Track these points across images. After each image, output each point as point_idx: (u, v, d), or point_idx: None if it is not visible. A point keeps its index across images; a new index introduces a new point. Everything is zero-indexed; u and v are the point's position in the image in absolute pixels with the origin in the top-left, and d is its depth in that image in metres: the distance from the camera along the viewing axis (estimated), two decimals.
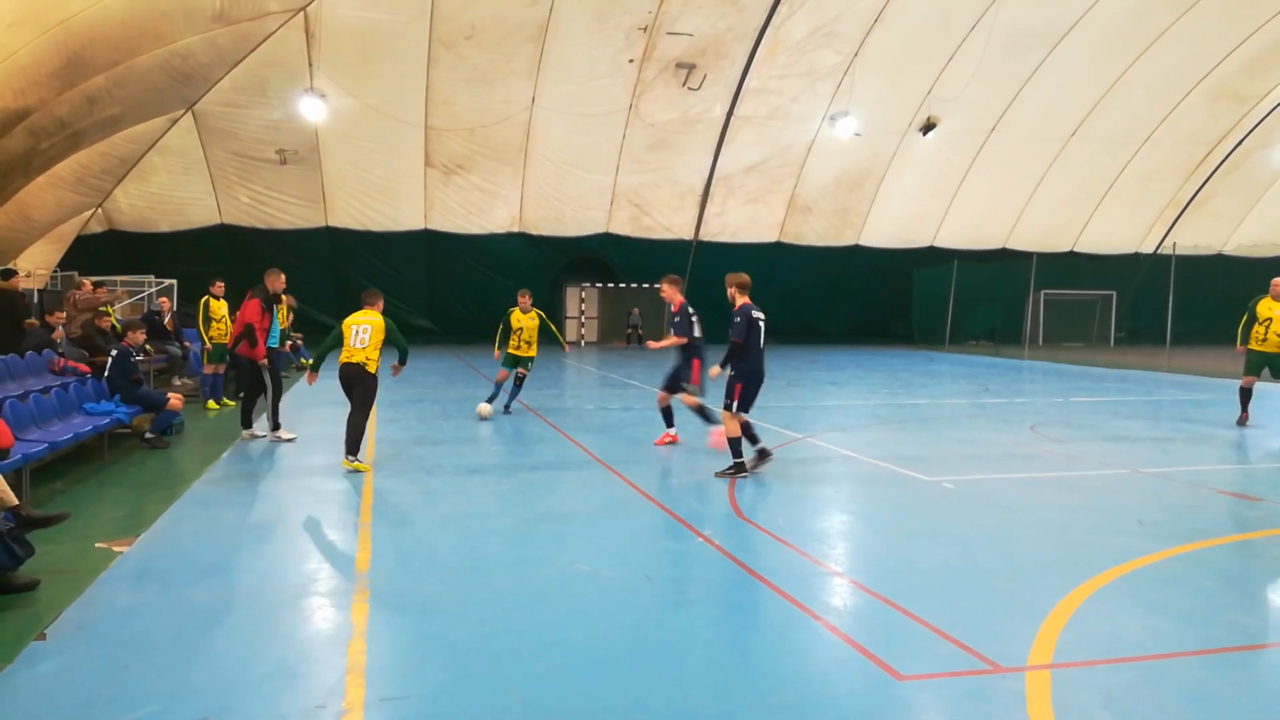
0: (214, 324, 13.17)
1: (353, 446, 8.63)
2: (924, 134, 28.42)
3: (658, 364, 22.41)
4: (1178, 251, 26.03)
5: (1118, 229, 33.34)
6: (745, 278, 8.62)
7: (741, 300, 8.46)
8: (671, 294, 9.94)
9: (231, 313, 13.77)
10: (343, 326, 9.01)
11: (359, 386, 8.84)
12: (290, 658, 4.24)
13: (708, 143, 27.85)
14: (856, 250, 31.62)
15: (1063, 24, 25.73)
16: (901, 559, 6.03)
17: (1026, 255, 29.96)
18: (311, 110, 23.63)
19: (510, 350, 12.45)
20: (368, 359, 8.86)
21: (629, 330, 30.84)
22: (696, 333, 9.61)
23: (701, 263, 29.94)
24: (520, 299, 12.61)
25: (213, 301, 13.29)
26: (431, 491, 7.89)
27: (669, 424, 10.27)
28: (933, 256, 31.86)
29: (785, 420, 12.26)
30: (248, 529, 6.67)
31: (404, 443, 10.25)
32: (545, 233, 28.88)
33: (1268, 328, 12.02)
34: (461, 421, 12.13)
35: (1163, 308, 23.76)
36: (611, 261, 29.77)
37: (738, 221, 30.14)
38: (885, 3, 24.27)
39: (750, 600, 5.20)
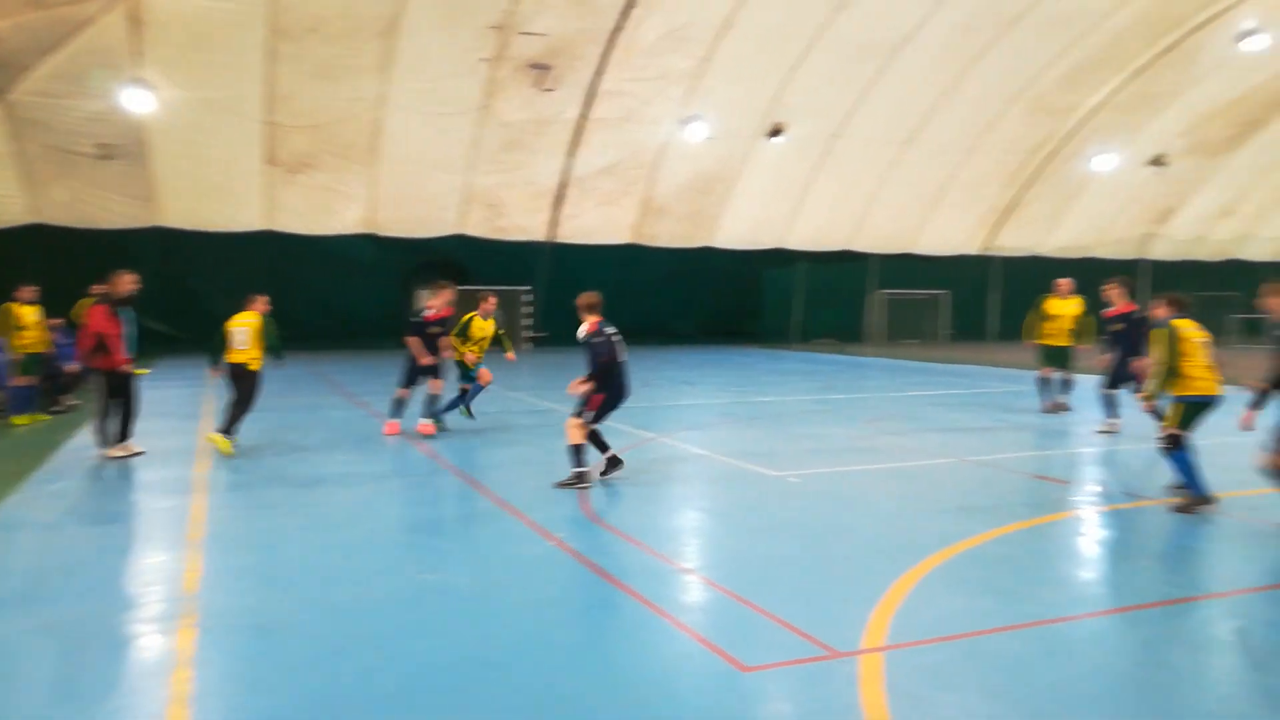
0: (23, 333, 12.12)
1: (225, 427, 9.84)
2: (772, 138, 29.33)
3: (509, 366, 22.19)
4: (1000, 253, 27.96)
5: (950, 231, 35.41)
6: (592, 298, 8.21)
7: (592, 319, 8.14)
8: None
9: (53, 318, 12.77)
10: (226, 328, 10.06)
11: (241, 383, 10.04)
12: (106, 692, 3.95)
13: (562, 144, 27.81)
14: (709, 252, 32.30)
15: (898, 37, 27.10)
16: (748, 553, 6.20)
17: (868, 256, 31.39)
18: (138, 102, 22.11)
19: (469, 363, 11.52)
20: (250, 359, 10.01)
21: None
22: None
23: (556, 264, 29.86)
24: (483, 304, 11.62)
25: (18, 308, 12.21)
26: (270, 505, 7.54)
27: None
28: (781, 258, 32.91)
29: (639, 420, 12.39)
30: (60, 553, 6.16)
31: (242, 453, 9.74)
32: (396, 234, 28.07)
33: (1057, 324, 13.27)
34: (305, 431, 11.64)
35: (988, 306, 25.41)
36: (465, 264, 29.28)
37: (592, 223, 30.24)
38: (735, 10, 24.89)
39: (601, 602, 5.22)
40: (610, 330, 8.13)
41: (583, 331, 8.18)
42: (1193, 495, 7.15)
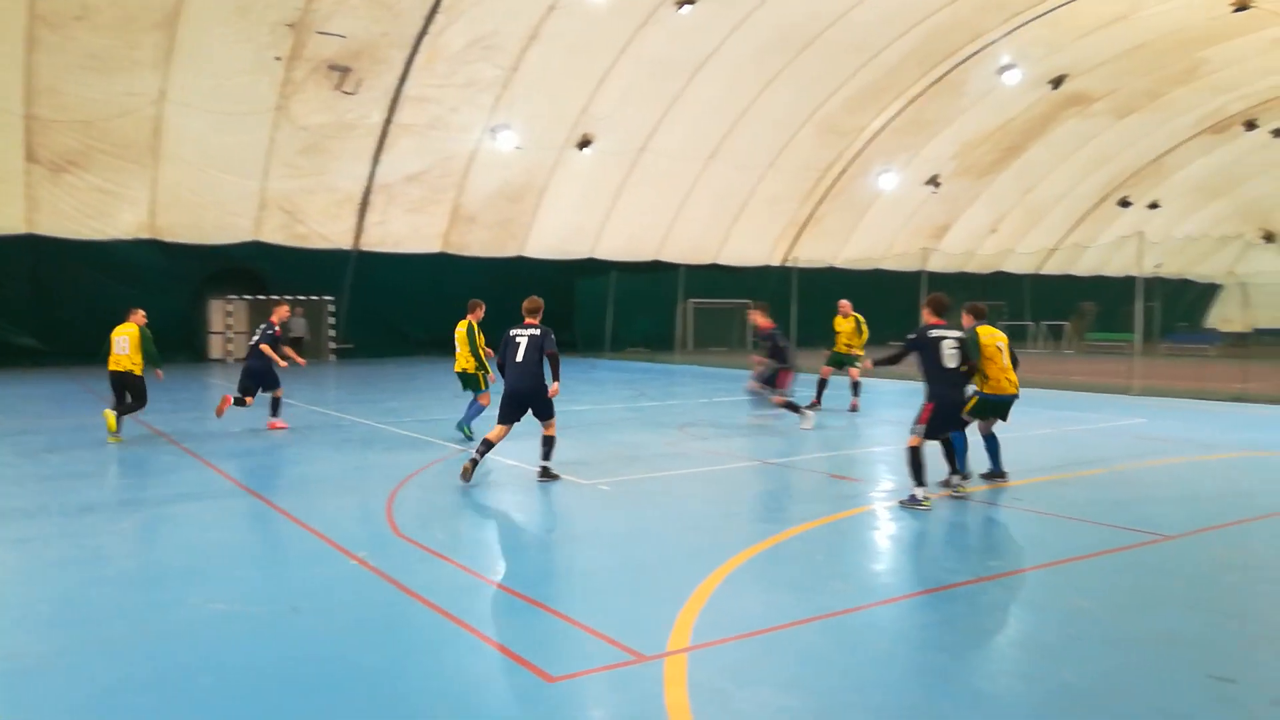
0: None
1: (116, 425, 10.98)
2: (581, 150, 29.62)
3: (314, 379, 21.17)
4: (798, 265, 29.64)
5: (752, 244, 37.06)
6: (527, 302, 8.86)
7: (528, 321, 8.78)
8: None
9: None
10: (110, 337, 11.19)
11: (129, 388, 11.08)
12: None
13: (366, 149, 26.84)
14: (520, 261, 32.15)
15: (697, 57, 28.07)
16: (557, 563, 6.20)
17: (676, 267, 32.30)
18: None
19: (472, 370, 11.60)
20: (133, 364, 11.05)
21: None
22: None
23: (362, 273, 28.80)
24: (477, 310, 12.03)
25: None
26: (30, 538, 6.79)
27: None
28: (593, 267, 33.25)
29: (451, 432, 12.14)
30: None
31: None
32: (183, 240, 26.06)
33: (839, 337, 15.53)
34: (73, 454, 10.59)
35: (790, 315, 26.74)
36: (262, 272, 27.66)
37: (400, 231, 29.38)
38: (540, 21, 24.95)
39: (405, 620, 5.05)
40: (515, 331, 8.71)
41: None
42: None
